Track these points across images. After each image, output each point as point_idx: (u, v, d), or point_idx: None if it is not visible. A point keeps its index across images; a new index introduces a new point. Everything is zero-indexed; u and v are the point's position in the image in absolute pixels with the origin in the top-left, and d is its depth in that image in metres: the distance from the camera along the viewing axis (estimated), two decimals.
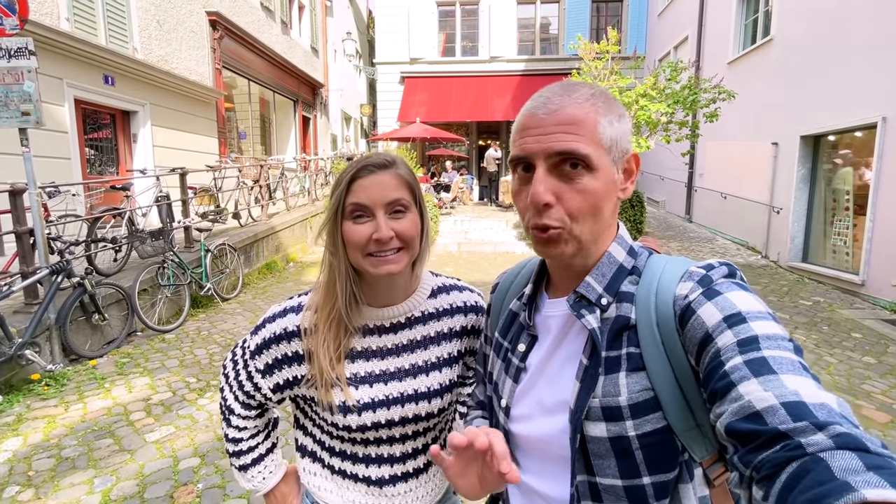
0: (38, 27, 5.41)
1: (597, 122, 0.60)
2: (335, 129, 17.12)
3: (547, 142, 0.59)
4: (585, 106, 0.60)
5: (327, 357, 0.81)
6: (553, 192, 0.59)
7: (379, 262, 0.78)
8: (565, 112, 0.59)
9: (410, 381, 0.86)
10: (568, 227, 0.60)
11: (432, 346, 0.88)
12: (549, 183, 0.59)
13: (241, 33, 10.25)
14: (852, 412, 0.43)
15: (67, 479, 2.47)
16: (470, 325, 0.92)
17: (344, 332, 0.83)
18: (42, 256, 3.81)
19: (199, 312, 5.24)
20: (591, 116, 0.60)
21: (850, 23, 5.95)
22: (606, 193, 0.61)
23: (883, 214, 5.50)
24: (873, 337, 4.56)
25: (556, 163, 0.59)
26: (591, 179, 0.59)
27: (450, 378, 0.89)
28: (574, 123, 0.59)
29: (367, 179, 0.78)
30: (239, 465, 0.95)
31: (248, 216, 7.80)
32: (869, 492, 0.33)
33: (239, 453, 0.94)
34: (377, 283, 0.84)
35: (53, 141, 5.88)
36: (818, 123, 6.57)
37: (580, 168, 0.59)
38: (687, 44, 11.19)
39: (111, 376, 3.67)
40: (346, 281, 0.81)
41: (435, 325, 0.89)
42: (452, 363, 0.90)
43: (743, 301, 0.54)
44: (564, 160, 0.59)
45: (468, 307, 0.92)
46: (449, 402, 0.91)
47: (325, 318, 0.82)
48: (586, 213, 0.60)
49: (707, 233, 9.82)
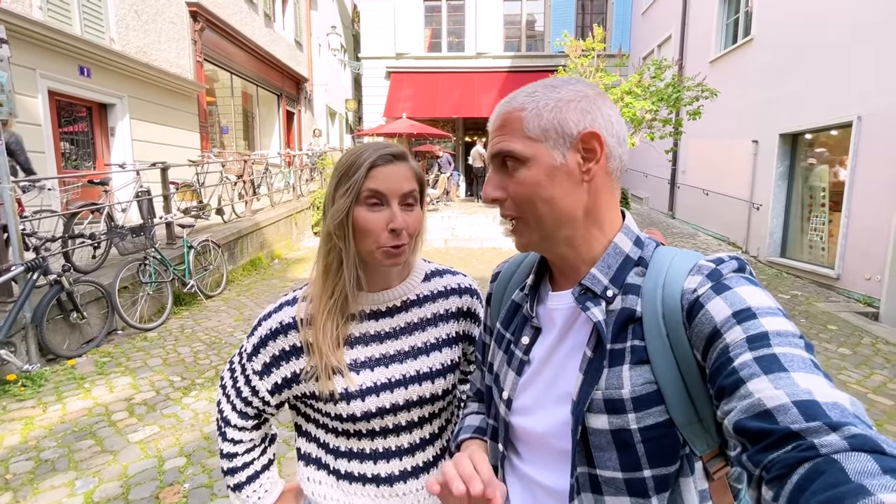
0: (9, 15, 5.21)
1: (521, 119, 0.63)
2: (320, 125, 16.91)
3: (490, 148, 0.67)
4: (515, 106, 0.64)
5: (327, 343, 0.80)
6: (501, 188, 0.65)
7: (393, 253, 0.79)
8: (498, 119, 0.66)
9: (411, 363, 0.86)
10: (524, 217, 0.64)
11: (430, 328, 0.89)
12: (495, 181, 0.66)
13: (222, 25, 10.02)
14: (865, 411, 0.42)
15: (47, 481, 2.40)
16: (466, 307, 0.93)
17: (342, 318, 0.82)
18: (16, 253, 3.68)
19: (182, 310, 5.14)
20: (516, 115, 0.64)
21: (828, 24, 6.10)
22: (550, 180, 0.62)
23: (857, 211, 5.68)
24: (848, 329, 4.71)
25: (498, 164, 0.66)
26: (525, 170, 0.63)
27: (451, 358, 0.90)
28: (503, 126, 0.65)
29: (386, 168, 0.79)
30: (234, 483, 0.91)
31: (231, 212, 7.66)
32: (886, 496, 0.32)
33: (234, 470, 0.91)
34: (374, 268, 0.84)
35: (26, 134, 5.64)
36: (796, 122, 6.74)
37: (512, 162, 0.64)
38: (670, 42, 11.35)
39: (91, 376, 3.57)
40: (353, 264, 0.80)
41: (431, 307, 0.90)
42: (452, 344, 0.91)
43: (753, 296, 0.53)
44: (503, 159, 0.65)
45: (462, 289, 0.94)
46: (452, 385, 0.90)
47: (324, 304, 0.81)
48: (529, 200, 0.63)
49: (689, 229, 10.01)
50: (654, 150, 9.50)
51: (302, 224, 9.30)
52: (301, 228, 9.26)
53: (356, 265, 0.81)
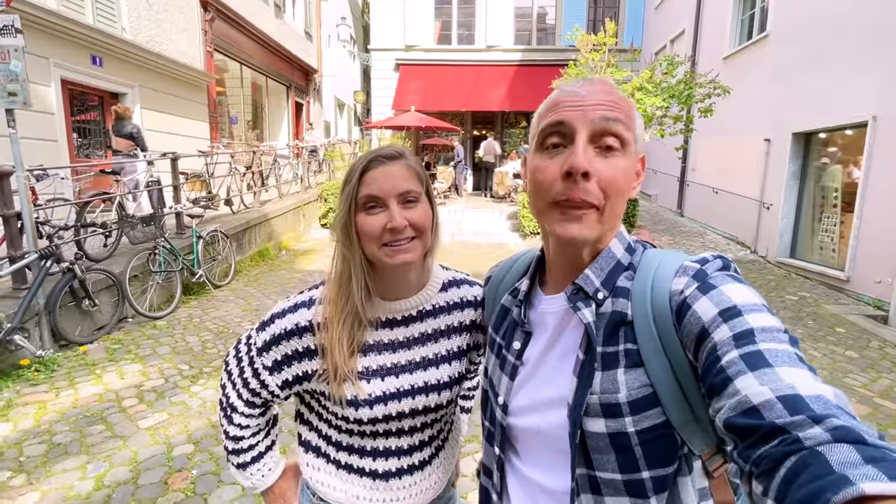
0: (23, 4, 5.24)
1: (632, 109, 0.63)
2: (328, 116, 16.91)
3: (592, 111, 0.59)
4: (629, 102, 0.64)
5: (341, 352, 0.81)
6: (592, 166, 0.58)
7: (394, 251, 0.78)
8: (608, 91, 0.62)
9: (421, 374, 0.86)
10: (603, 206, 0.60)
11: (442, 340, 0.89)
12: (590, 155, 0.59)
13: (233, 15, 10.03)
14: (849, 402, 0.43)
15: (60, 464, 2.46)
16: (479, 320, 0.93)
17: (357, 326, 0.83)
18: (30, 241, 3.75)
19: (190, 299, 5.20)
20: (629, 103, 0.63)
21: (846, 22, 5.98)
22: (630, 180, 0.63)
23: (870, 213, 5.60)
24: (856, 332, 4.67)
25: (597, 134, 0.60)
26: (624, 160, 0.60)
27: (458, 371, 0.91)
28: (617, 102, 0.61)
29: (377, 171, 0.79)
30: (238, 462, 0.94)
31: (240, 203, 7.72)
32: (867, 485, 0.33)
33: (238, 451, 0.93)
34: (390, 276, 0.84)
35: (39, 122, 5.74)
36: (810, 121, 6.63)
37: (618, 145, 0.60)
38: (683, 37, 11.18)
39: (102, 362, 3.65)
40: (360, 273, 0.81)
41: (445, 319, 0.90)
42: (461, 356, 0.91)
43: (738, 294, 0.54)
44: (605, 133, 0.59)
45: (478, 302, 0.93)
46: (457, 394, 0.92)
47: (338, 311, 0.82)
48: (618, 190, 0.60)
49: (698, 227, 9.92)
50: (664, 147, 9.39)
51: (310, 216, 9.34)
52: (309, 220, 9.31)
53: (364, 272, 0.81)
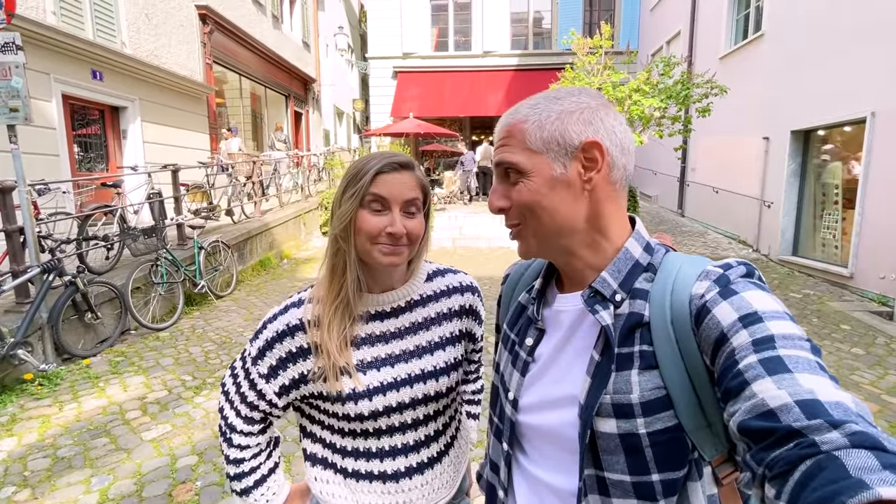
0: (23, 21, 5.30)
1: (523, 131, 0.65)
2: (328, 125, 17.00)
3: (494, 158, 0.69)
4: (518, 118, 0.66)
5: (334, 344, 0.82)
6: (505, 197, 0.67)
7: (385, 253, 0.81)
8: (502, 130, 0.68)
9: (416, 362, 0.88)
10: (525, 225, 0.66)
11: (434, 327, 0.92)
12: (500, 190, 0.68)
13: (231, 27, 10.12)
14: (869, 412, 0.42)
15: (64, 478, 2.45)
16: (468, 305, 0.96)
17: (349, 319, 0.85)
18: (33, 255, 3.76)
19: (193, 310, 5.21)
20: (519, 127, 0.65)
21: (841, 18, 6.00)
22: (550, 190, 0.63)
23: (871, 209, 5.58)
24: (861, 328, 4.64)
25: (501, 174, 0.68)
26: (526, 181, 0.65)
27: (454, 357, 0.92)
28: (506, 137, 0.67)
29: (391, 175, 0.82)
30: (241, 488, 0.91)
31: (241, 213, 7.74)
32: (884, 489, 0.33)
33: (240, 475, 0.90)
34: (376, 270, 0.86)
35: (41, 137, 5.78)
36: (808, 118, 6.64)
37: (514, 174, 0.66)
38: (679, 38, 11.23)
39: (105, 375, 3.64)
40: (355, 266, 0.83)
41: (434, 307, 0.93)
42: (455, 342, 0.94)
43: (759, 300, 0.53)
44: (505, 170, 0.67)
45: (463, 287, 0.97)
46: (455, 382, 0.93)
47: (330, 305, 0.84)
48: (530, 210, 0.65)
49: (699, 227, 9.90)
50: (663, 148, 9.40)
51: (310, 224, 9.37)
52: (309, 228, 9.33)
53: (357, 267, 0.83)
